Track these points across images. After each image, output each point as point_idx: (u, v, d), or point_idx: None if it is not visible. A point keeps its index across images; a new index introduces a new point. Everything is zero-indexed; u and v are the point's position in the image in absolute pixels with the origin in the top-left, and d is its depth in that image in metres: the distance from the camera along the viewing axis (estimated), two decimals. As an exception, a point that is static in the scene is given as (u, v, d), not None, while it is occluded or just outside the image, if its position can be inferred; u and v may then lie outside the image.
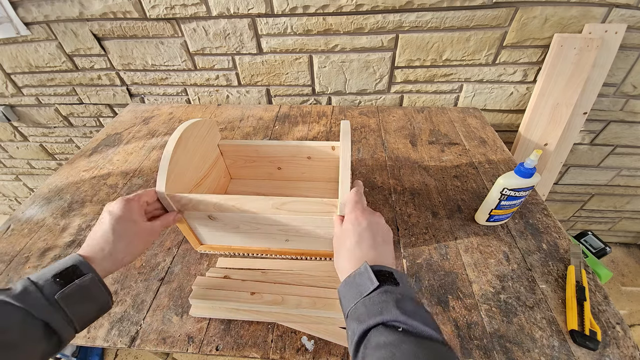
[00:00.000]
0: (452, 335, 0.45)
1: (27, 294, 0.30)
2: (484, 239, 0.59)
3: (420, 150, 0.82)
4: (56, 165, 1.46)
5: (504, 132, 1.04)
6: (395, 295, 0.30)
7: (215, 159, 0.61)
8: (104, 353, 1.24)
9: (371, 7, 0.80)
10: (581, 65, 0.81)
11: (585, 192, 1.25)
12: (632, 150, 1.07)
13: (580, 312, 0.46)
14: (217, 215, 0.48)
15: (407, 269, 0.54)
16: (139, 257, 0.58)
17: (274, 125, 0.95)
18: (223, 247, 0.57)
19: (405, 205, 0.66)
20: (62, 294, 0.31)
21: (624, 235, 1.47)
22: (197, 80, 1.03)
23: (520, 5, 0.77)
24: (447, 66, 0.91)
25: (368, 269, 0.33)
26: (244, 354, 0.45)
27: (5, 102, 1.18)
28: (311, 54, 0.92)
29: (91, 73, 1.05)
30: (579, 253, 0.54)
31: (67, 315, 0.32)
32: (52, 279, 0.32)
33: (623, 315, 0.91)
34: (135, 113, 1.05)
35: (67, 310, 0.31)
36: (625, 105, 0.94)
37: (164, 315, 0.49)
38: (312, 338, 0.46)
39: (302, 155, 0.60)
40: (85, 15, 0.89)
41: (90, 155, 0.86)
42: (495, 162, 0.77)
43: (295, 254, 0.55)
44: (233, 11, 0.84)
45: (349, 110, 1.00)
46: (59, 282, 0.32)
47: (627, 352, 0.43)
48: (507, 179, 0.53)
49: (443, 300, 0.49)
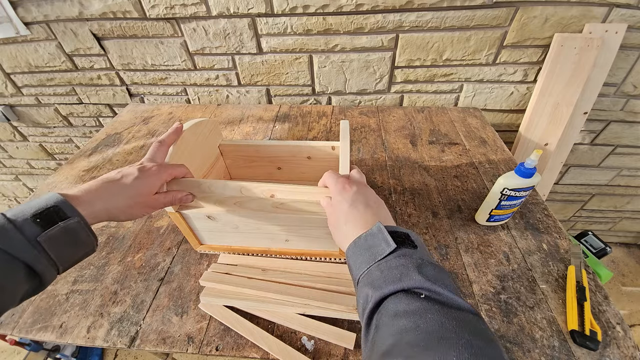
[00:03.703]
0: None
1: (4, 232, 0.28)
2: (484, 239, 0.58)
3: (421, 150, 0.82)
4: (56, 165, 1.46)
5: (504, 132, 1.04)
6: (416, 259, 0.28)
7: (215, 159, 0.61)
8: (103, 353, 1.24)
9: (371, 7, 0.80)
10: (581, 65, 0.81)
11: (586, 192, 1.25)
12: (632, 150, 1.07)
13: (580, 312, 0.46)
14: (217, 214, 0.48)
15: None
16: (139, 257, 0.58)
17: (274, 125, 0.95)
18: (223, 247, 0.57)
19: (406, 205, 0.66)
20: (45, 236, 0.29)
21: (625, 235, 1.47)
22: (197, 80, 1.03)
23: (520, 5, 0.77)
24: (448, 66, 0.91)
25: (382, 229, 0.30)
26: (244, 354, 0.44)
27: (5, 102, 1.18)
28: (311, 54, 0.92)
29: (91, 73, 1.05)
30: (579, 253, 0.54)
31: (50, 257, 0.30)
32: (32, 219, 0.29)
33: (623, 315, 0.90)
34: (135, 113, 1.05)
35: (50, 252, 0.30)
36: (625, 105, 0.94)
37: (164, 316, 0.49)
38: (312, 338, 0.46)
39: (302, 155, 0.60)
40: (85, 15, 0.89)
41: (90, 155, 0.86)
42: (496, 162, 0.77)
43: (295, 254, 0.55)
44: (233, 11, 0.84)
45: (349, 110, 1.00)
46: (39, 222, 0.29)
47: (628, 353, 0.43)
48: (507, 179, 0.53)
49: (443, 301, 0.49)
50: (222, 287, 0.51)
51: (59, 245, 0.30)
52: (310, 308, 0.47)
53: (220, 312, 0.48)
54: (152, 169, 0.40)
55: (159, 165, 0.41)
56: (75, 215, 0.32)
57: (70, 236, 0.31)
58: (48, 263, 0.30)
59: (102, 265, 0.57)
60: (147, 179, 0.39)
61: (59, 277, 0.55)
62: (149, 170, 0.40)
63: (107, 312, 0.50)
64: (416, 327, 0.23)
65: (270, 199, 0.45)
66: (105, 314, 0.50)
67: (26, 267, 0.28)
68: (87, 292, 0.53)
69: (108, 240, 0.62)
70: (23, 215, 0.29)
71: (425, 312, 0.24)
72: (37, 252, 0.29)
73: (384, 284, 0.27)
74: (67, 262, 0.32)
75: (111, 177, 0.38)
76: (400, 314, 0.24)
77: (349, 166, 0.45)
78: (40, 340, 0.58)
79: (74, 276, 0.56)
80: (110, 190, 0.36)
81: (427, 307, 0.24)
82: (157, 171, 0.40)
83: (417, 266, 0.27)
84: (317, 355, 0.44)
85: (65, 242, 0.31)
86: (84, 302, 0.52)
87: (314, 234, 0.49)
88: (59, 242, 0.30)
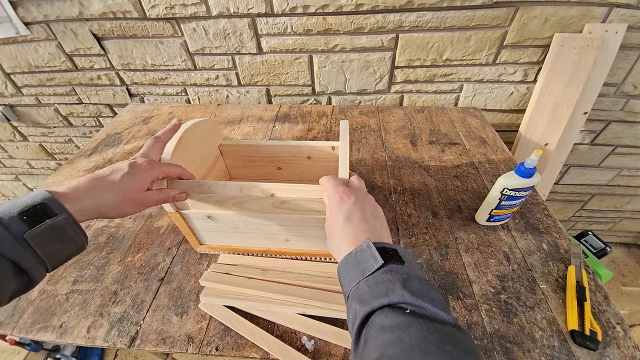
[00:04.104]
0: (453, 335, 0.45)
1: None
2: (484, 239, 0.58)
3: (421, 150, 0.82)
4: (56, 165, 1.46)
5: (504, 132, 1.04)
6: (402, 274, 0.29)
7: (215, 159, 0.61)
8: (103, 353, 1.24)
9: (371, 7, 0.80)
10: (581, 65, 0.81)
11: (586, 192, 1.25)
12: (632, 150, 1.07)
13: (580, 312, 0.46)
14: (217, 214, 0.48)
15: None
16: (139, 257, 0.58)
17: (274, 125, 0.95)
18: (223, 247, 0.57)
19: (406, 205, 0.66)
20: (32, 233, 0.29)
21: (624, 235, 1.47)
22: (197, 80, 1.03)
23: (520, 5, 0.77)
24: (448, 66, 0.91)
25: (371, 246, 0.31)
26: (244, 354, 0.44)
27: (5, 102, 1.18)
28: (311, 54, 0.92)
29: (91, 73, 1.05)
30: (579, 253, 0.54)
31: (37, 255, 0.29)
32: (18, 216, 0.29)
33: (623, 315, 0.90)
34: (135, 113, 1.05)
35: (37, 250, 0.29)
36: (625, 105, 0.94)
37: (164, 316, 0.49)
38: (312, 338, 0.46)
39: (302, 155, 0.60)
40: (85, 15, 0.89)
41: (90, 155, 0.86)
42: (496, 162, 0.77)
43: (295, 254, 0.55)
44: (233, 11, 0.84)
45: (349, 110, 1.00)
46: (25, 220, 0.29)
47: (628, 353, 0.43)
48: (507, 179, 0.53)
49: (443, 301, 0.49)
50: (222, 287, 0.51)
51: (47, 243, 0.30)
52: (310, 308, 0.47)
53: (220, 312, 0.48)
54: (142, 164, 0.39)
55: (150, 161, 0.40)
56: (62, 212, 0.31)
57: (58, 233, 0.31)
58: (36, 261, 0.30)
59: (102, 265, 0.57)
60: (137, 175, 0.38)
61: (59, 277, 0.55)
62: (139, 166, 0.39)
63: (107, 312, 0.50)
64: (400, 340, 0.24)
65: (271, 199, 0.45)
66: (105, 314, 0.50)
67: (13, 265, 0.28)
68: (87, 292, 0.53)
69: (108, 240, 0.62)
70: (10, 213, 0.29)
71: (409, 326, 0.25)
72: (24, 249, 0.29)
73: (372, 298, 0.28)
74: (56, 259, 0.32)
75: (101, 173, 0.37)
76: (386, 328, 0.25)
77: (348, 166, 0.45)
78: (40, 340, 0.58)
79: (74, 276, 0.56)
80: (99, 186, 0.36)
81: (411, 321, 0.25)
82: (147, 167, 0.39)
83: (403, 281, 0.28)
84: (317, 355, 0.44)
85: (52, 240, 0.30)
86: (84, 302, 0.52)
87: (314, 234, 0.49)
88: (46, 240, 0.30)
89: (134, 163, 0.39)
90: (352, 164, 0.77)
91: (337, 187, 0.39)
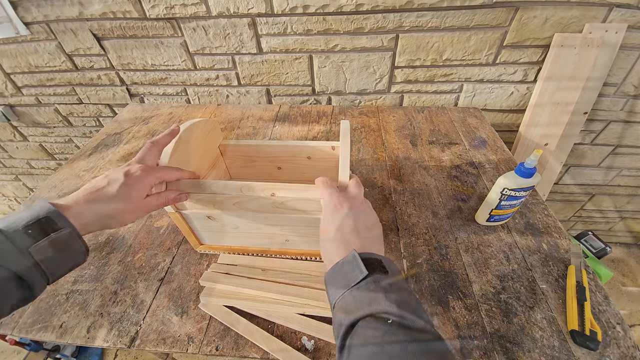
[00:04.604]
0: (452, 335, 0.45)
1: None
2: (484, 239, 0.58)
3: (421, 150, 0.82)
4: (56, 165, 1.46)
5: (504, 132, 1.04)
6: (384, 285, 0.30)
7: (215, 159, 0.61)
8: (103, 353, 1.24)
9: (371, 7, 0.80)
10: (581, 65, 0.81)
11: (586, 192, 1.25)
12: (632, 150, 1.07)
13: (580, 312, 0.46)
14: (217, 214, 0.48)
15: (407, 269, 0.54)
16: (139, 257, 0.58)
17: (274, 125, 0.95)
18: (223, 247, 0.57)
19: (406, 205, 0.66)
20: (37, 247, 0.29)
21: (624, 235, 1.47)
22: (196, 80, 1.03)
23: (520, 5, 0.77)
24: (447, 66, 0.91)
25: (357, 257, 0.31)
26: (244, 354, 0.44)
27: (5, 102, 1.18)
28: (311, 54, 0.92)
29: (91, 73, 1.05)
30: (579, 253, 0.54)
31: (41, 268, 0.30)
32: (23, 230, 0.29)
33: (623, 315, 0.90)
34: (135, 113, 1.05)
35: (41, 264, 0.30)
36: (625, 105, 0.94)
37: (164, 316, 0.49)
38: (312, 338, 0.46)
39: (302, 155, 0.60)
40: (85, 15, 0.89)
41: (90, 155, 0.86)
42: (496, 162, 0.77)
43: (295, 254, 0.55)
44: (233, 11, 0.84)
45: (349, 110, 1.00)
46: (30, 233, 0.29)
47: (628, 353, 0.43)
48: (507, 179, 0.53)
49: (443, 301, 0.49)
50: (222, 287, 0.51)
51: (50, 256, 0.31)
52: (310, 308, 0.47)
53: (220, 312, 0.48)
54: (136, 173, 0.39)
55: (144, 168, 0.40)
56: (66, 226, 0.32)
57: (62, 247, 0.31)
58: (39, 274, 0.30)
59: (102, 265, 0.57)
60: (133, 185, 0.38)
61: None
62: (133, 175, 0.38)
63: (107, 312, 0.50)
64: (381, 350, 0.25)
65: (271, 198, 0.45)
66: (105, 314, 0.50)
67: (17, 278, 0.29)
68: (87, 292, 0.53)
69: (108, 240, 0.62)
70: (15, 227, 0.29)
71: (390, 336, 0.26)
72: (29, 263, 0.29)
73: (355, 309, 0.28)
74: (57, 272, 0.32)
75: (97, 185, 0.37)
76: (369, 338, 0.26)
77: (348, 166, 0.45)
78: (40, 340, 0.58)
79: (74, 276, 0.56)
80: (98, 200, 0.36)
81: (392, 330, 0.26)
82: (143, 175, 0.39)
83: (385, 291, 0.29)
84: (317, 355, 0.44)
85: (56, 253, 0.31)
86: (84, 302, 0.52)
87: (314, 234, 0.49)
88: (50, 253, 0.30)
89: (128, 172, 0.39)
90: (352, 164, 0.77)
91: (332, 195, 0.39)
